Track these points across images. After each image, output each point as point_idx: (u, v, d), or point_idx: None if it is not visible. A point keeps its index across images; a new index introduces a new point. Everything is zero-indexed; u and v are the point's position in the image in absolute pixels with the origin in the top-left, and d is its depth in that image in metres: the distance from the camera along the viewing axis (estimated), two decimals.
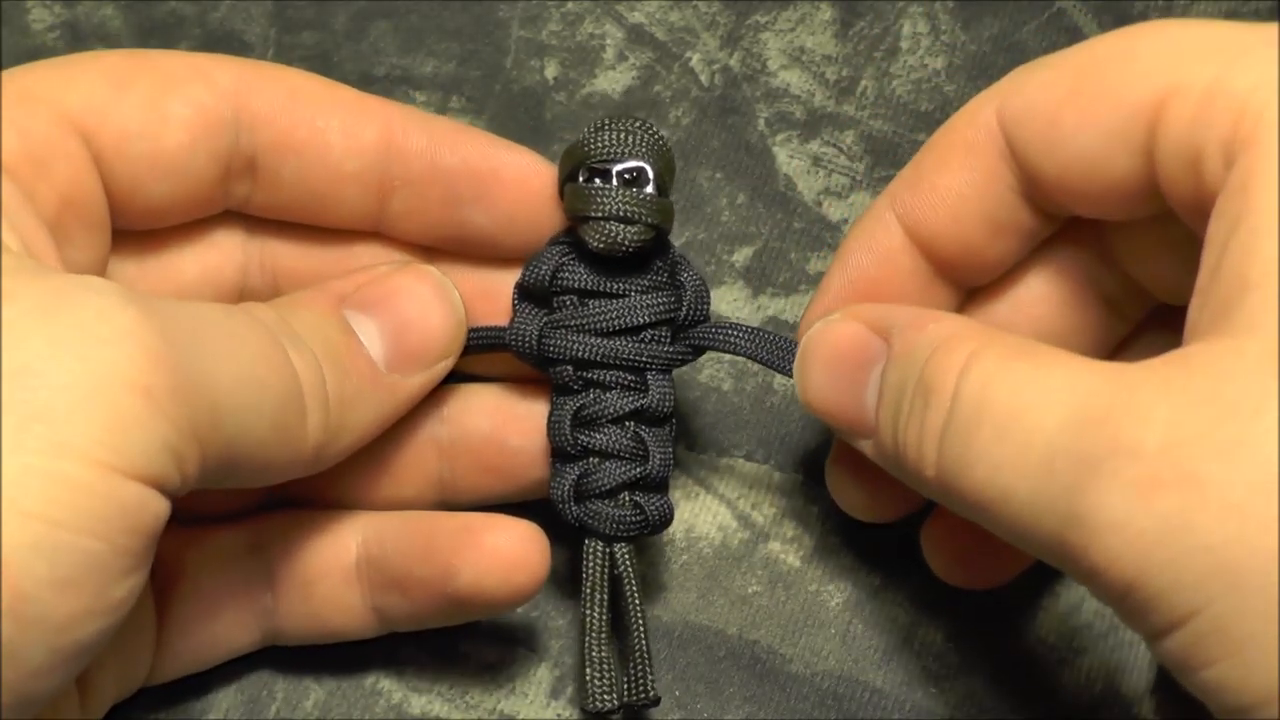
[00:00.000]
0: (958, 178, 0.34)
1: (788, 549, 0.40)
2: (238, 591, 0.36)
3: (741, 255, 0.43)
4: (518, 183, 0.36)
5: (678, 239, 0.42)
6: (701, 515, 0.40)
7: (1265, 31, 0.29)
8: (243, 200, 0.36)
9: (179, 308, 0.30)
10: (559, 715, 0.38)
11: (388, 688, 0.38)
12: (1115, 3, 0.45)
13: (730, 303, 0.42)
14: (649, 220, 0.35)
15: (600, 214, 0.35)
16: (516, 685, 0.39)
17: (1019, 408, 0.28)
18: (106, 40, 0.44)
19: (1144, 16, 0.45)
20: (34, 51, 0.44)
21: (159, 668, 0.36)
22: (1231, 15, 0.45)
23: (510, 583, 0.35)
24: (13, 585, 0.26)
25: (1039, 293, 0.36)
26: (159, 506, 0.28)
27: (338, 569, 0.36)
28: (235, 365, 0.30)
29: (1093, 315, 0.36)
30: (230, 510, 0.37)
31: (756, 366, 0.41)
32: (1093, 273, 0.35)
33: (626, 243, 0.35)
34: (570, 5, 0.45)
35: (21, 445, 0.26)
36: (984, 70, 0.44)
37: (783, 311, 0.42)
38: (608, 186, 0.35)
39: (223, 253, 0.37)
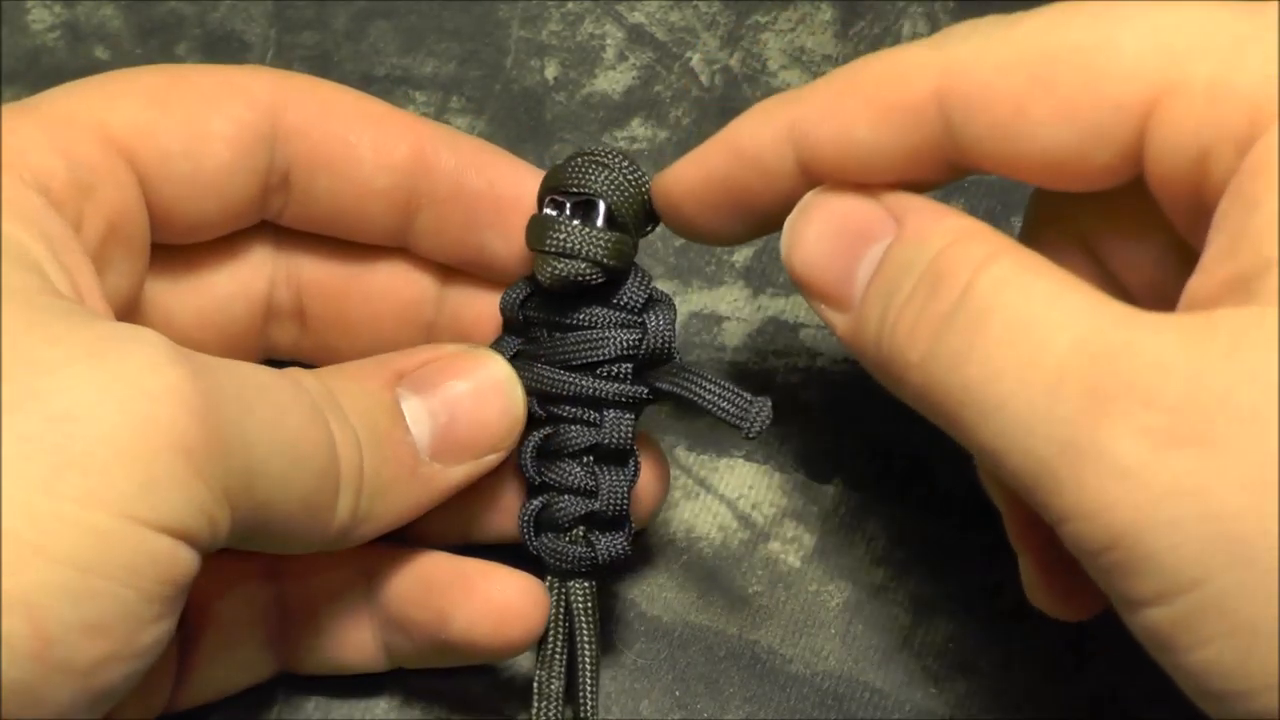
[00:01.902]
0: (875, 133, 0.31)
1: (788, 549, 0.40)
2: (254, 624, 0.36)
3: (741, 255, 0.43)
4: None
5: (679, 240, 0.42)
6: (701, 515, 0.40)
7: (1256, 16, 0.28)
8: (276, 212, 0.36)
9: (226, 370, 0.29)
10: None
11: (388, 688, 0.38)
12: None
13: (730, 303, 0.42)
14: (594, 257, 0.34)
15: (544, 248, 0.34)
16: (516, 685, 0.39)
17: (1031, 319, 0.27)
18: (106, 40, 0.44)
19: None
20: (34, 51, 0.44)
21: (176, 699, 0.36)
22: None
23: (502, 634, 0.35)
24: (40, 628, 0.25)
25: None
26: (189, 559, 0.28)
27: (350, 605, 0.36)
28: (276, 435, 0.29)
29: None
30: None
31: (756, 366, 0.41)
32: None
33: (569, 278, 0.34)
34: (570, 5, 0.45)
35: (55, 491, 0.26)
36: None
37: (782, 311, 0.42)
38: (558, 220, 0.34)
39: (253, 267, 0.36)
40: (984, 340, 0.28)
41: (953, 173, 0.32)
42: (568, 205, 0.35)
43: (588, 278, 0.34)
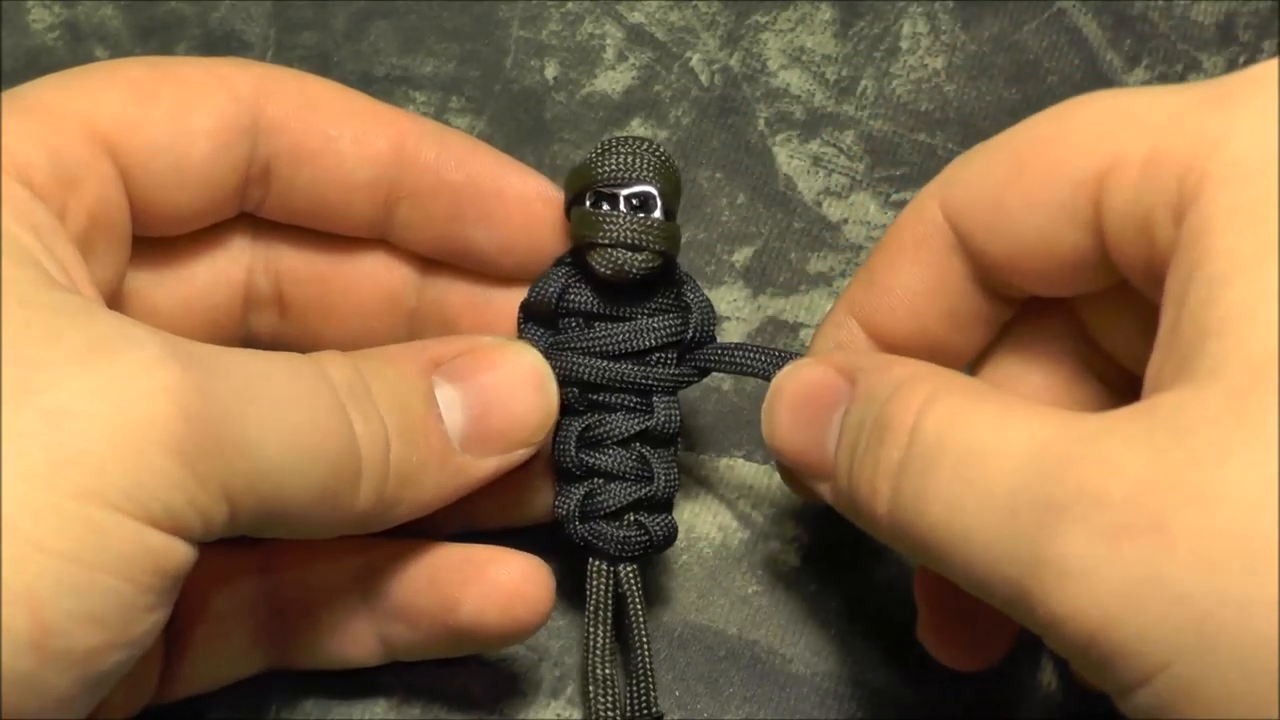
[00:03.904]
0: (910, 275, 0.34)
1: (788, 549, 0.40)
2: (245, 615, 0.36)
3: (741, 255, 0.43)
4: (521, 205, 0.36)
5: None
6: (701, 515, 0.40)
7: (1193, 92, 0.29)
8: (255, 205, 0.36)
9: (227, 363, 0.29)
10: (559, 715, 0.38)
11: (387, 688, 0.38)
12: (1115, 3, 0.45)
13: (730, 303, 0.42)
14: (657, 247, 0.35)
15: (608, 240, 0.35)
16: (516, 685, 0.39)
17: (978, 449, 0.28)
18: (106, 40, 0.44)
19: (1144, 17, 0.45)
20: (34, 51, 0.44)
21: (165, 689, 0.36)
22: (1230, 15, 0.45)
23: (511, 616, 0.35)
24: (40, 619, 0.26)
25: (1028, 381, 0.35)
26: (184, 552, 0.28)
27: (345, 597, 0.36)
28: (281, 431, 0.29)
29: (1086, 394, 0.35)
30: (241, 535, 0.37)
31: None
32: (1076, 351, 0.35)
33: (634, 270, 0.35)
34: (570, 5, 0.45)
35: (53, 486, 0.26)
36: (984, 70, 0.44)
37: (782, 311, 0.42)
38: (615, 212, 0.35)
39: (232, 256, 0.37)
40: (937, 481, 0.28)
41: (998, 299, 0.34)
42: (620, 196, 0.35)
43: (651, 269, 0.35)
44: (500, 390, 0.34)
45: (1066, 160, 0.30)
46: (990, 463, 0.28)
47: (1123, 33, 0.44)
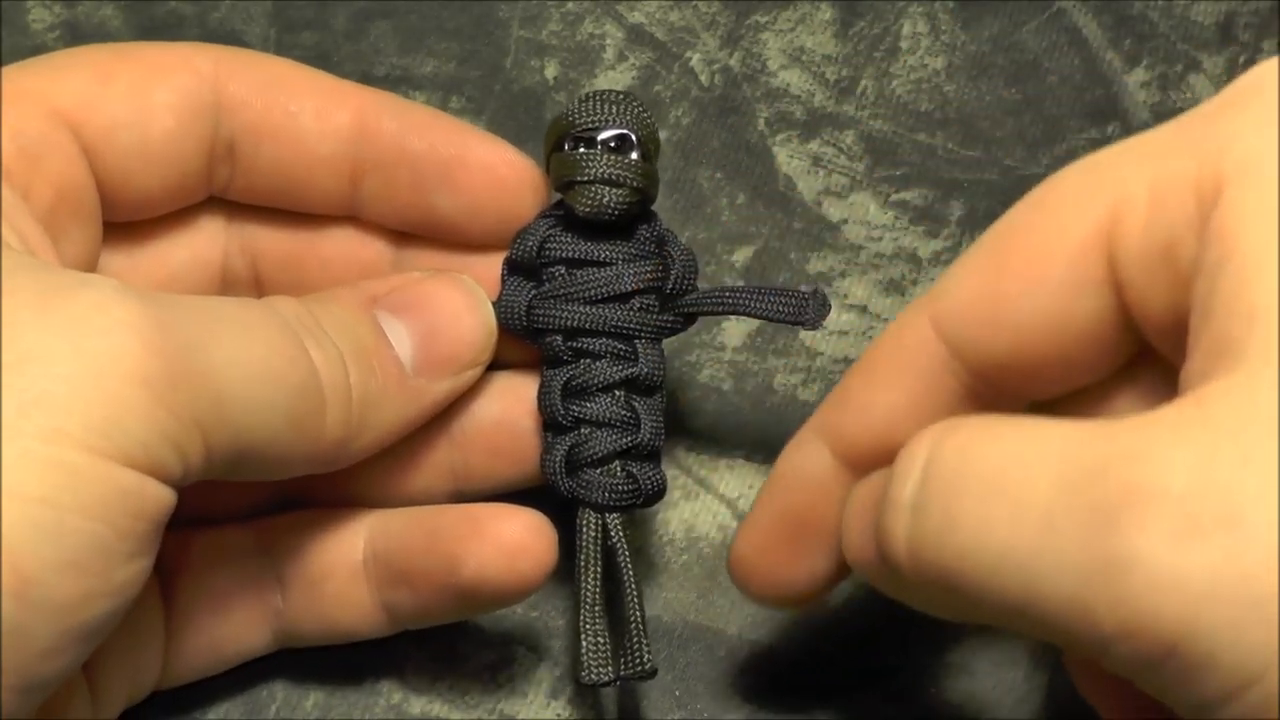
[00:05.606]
0: (891, 394, 0.32)
1: None
2: (247, 591, 0.36)
3: (741, 255, 0.43)
4: (485, 171, 0.36)
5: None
6: (701, 515, 0.40)
7: (1183, 120, 0.28)
8: (223, 185, 0.36)
9: (184, 301, 0.30)
10: (559, 715, 0.38)
11: (388, 688, 0.39)
12: (1115, 3, 0.45)
13: None
14: (634, 184, 0.35)
15: (586, 178, 0.35)
16: (516, 685, 0.39)
17: (1008, 461, 0.26)
18: (106, 40, 0.44)
19: (1143, 17, 0.45)
20: (34, 51, 0.44)
21: (170, 670, 0.36)
22: (1230, 15, 0.45)
23: (514, 570, 0.35)
24: (16, 567, 0.26)
25: None
26: (161, 493, 0.28)
27: (345, 567, 0.36)
28: (243, 357, 0.30)
29: None
30: (239, 511, 0.37)
31: (757, 366, 0.41)
32: None
33: (613, 205, 0.35)
34: (570, 5, 0.45)
35: (20, 431, 0.26)
36: (984, 70, 0.44)
37: None
38: (593, 152, 0.36)
39: (207, 237, 0.37)
40: (963, 503, 0.26)
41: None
42: (598, 139, 0.36)
43: (629, 205, 0.36)
44: (440, 316, 0.35)
45: (1062, 227, 0.29)
46: (1023, 473, 0.25)
47: (1123, 33, 0.44)
